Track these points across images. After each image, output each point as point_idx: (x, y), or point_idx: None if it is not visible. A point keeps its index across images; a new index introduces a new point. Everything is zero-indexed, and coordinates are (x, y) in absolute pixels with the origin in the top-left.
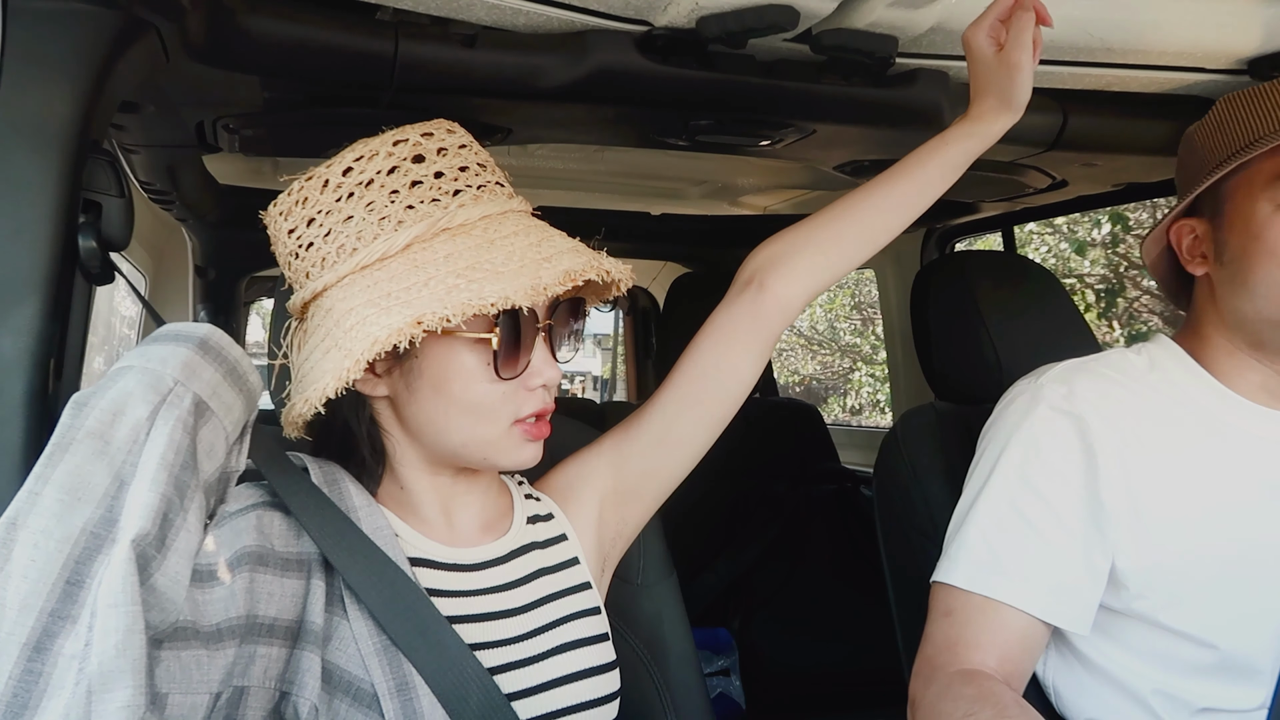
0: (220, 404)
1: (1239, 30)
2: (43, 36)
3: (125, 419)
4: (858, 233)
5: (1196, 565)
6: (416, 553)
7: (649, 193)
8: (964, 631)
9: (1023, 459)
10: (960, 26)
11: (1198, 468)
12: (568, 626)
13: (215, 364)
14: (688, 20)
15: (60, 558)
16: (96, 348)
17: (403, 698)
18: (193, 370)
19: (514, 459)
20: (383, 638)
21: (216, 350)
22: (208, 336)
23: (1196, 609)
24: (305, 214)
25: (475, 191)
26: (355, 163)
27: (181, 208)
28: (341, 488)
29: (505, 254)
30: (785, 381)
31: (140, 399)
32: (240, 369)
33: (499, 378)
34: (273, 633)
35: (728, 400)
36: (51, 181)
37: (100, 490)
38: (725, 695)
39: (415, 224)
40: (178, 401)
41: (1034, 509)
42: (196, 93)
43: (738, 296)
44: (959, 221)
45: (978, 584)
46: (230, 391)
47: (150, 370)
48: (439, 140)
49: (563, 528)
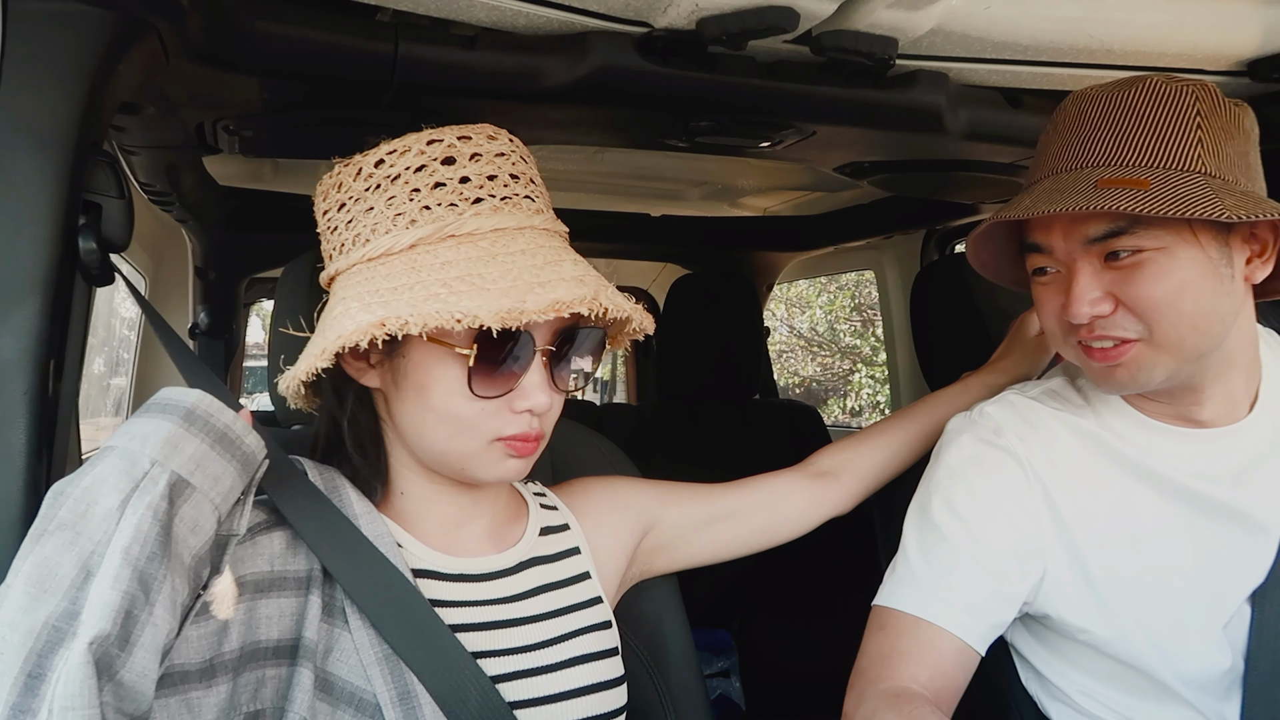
0: (205, 477)
1: (1238, 32)
2: (43, 38)
3: (97, 509)
4: (902, 453)
5: (1120, 590)
6: (419, 564)
7: (649, 194)
8: (896, 644)
9: (948, 485)
10: (960, 28)
11: (1122, 501)
12: (577, 640)
13: (201, 435)
14: (688, 22)
15: (23, 651)
16: (96, 349)
17: (405, 707)
18: (174, 446)
19: (493, 474)
20: (384, 646)
21: (204, 419)
22: (194, 406)
23: (1130, 635)
24: (339, 198)
25: (497, 202)
26: (388, 155)
27: (181, 209)
28: (342, 495)
29: (501, 270)
30: (785, 383)
31: (113, 487)
32: (231, 434)
33: (473, 395)
34: (278, 654)
35: (774, 535)
36: (51, 183)
37: (66, 582)
38: (725, 696)
39: (424, 225)
40: (151, 486)
41: (955, 531)
42: (196, 94)
43: (809, 482)
44: (959, 223)
45: (902, 601)
46: (219, 461)
47: (129, 452)
48: (475, 145)
49: (576, 540)
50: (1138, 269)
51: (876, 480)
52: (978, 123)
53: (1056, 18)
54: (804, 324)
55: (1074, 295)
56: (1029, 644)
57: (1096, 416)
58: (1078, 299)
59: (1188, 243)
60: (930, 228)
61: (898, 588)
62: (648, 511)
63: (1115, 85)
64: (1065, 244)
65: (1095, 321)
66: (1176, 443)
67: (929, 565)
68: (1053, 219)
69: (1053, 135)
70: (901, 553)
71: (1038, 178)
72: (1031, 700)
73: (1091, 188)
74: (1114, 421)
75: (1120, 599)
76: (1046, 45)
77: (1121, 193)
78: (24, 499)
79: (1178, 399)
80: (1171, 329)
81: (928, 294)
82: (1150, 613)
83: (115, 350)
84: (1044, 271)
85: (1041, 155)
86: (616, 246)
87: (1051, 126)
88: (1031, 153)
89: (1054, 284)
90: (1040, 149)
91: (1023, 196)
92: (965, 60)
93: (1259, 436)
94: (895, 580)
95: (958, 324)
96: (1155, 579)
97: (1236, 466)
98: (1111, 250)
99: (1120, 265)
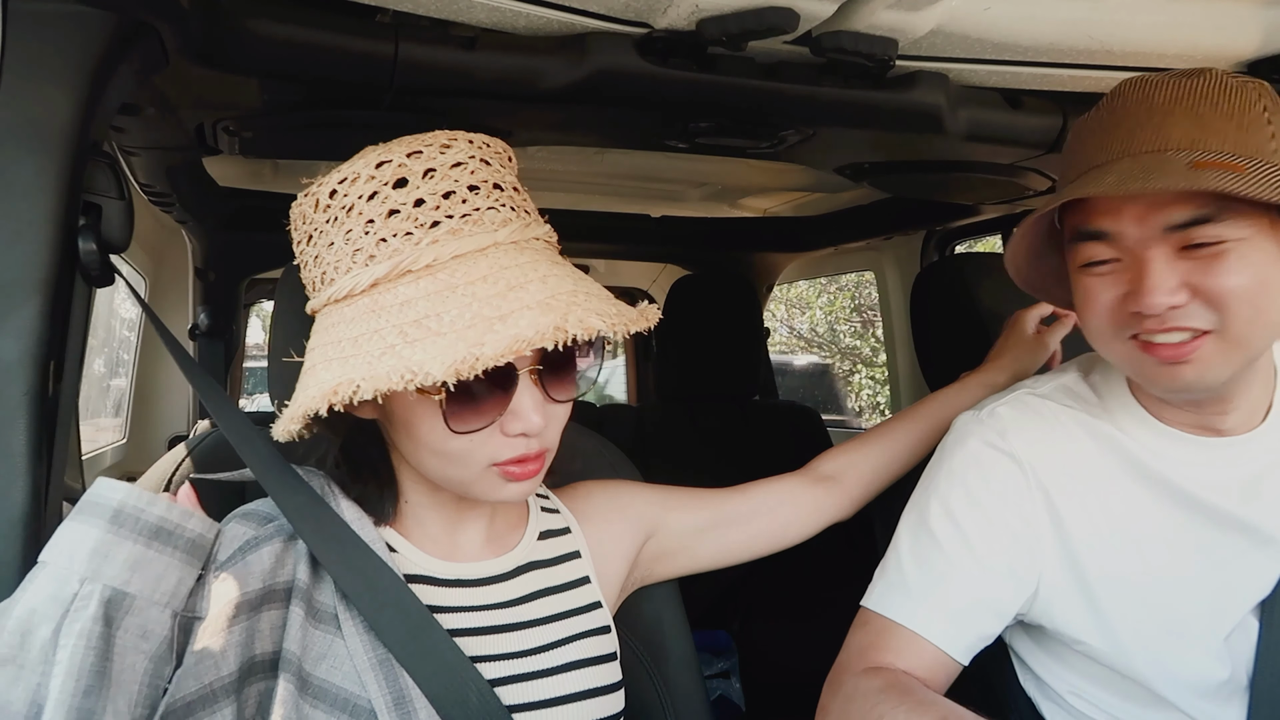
0: (145, 581)
1: (1239, 33)
2: (42, 39)
3: (33, 640)
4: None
5: (1117, 598)
6: (415, 569)
7: (649, 195)
8: (876, 641)
9: (947, 488)
10: (961, 29)
11: (1130, 505)
12: (574, 645)
13: (132, 536)
14: (688, 22)
15: None
16: (96, 350)
17: (400, 711)
18: (104, 556)
19: (495, 496)
20: (379, 650)
21: (132, 518)
22: (121, 505)
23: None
24: (306, 230)
25: (455, 223)
26: (340, 185)
27: (181, 210)
28: (334, 501)
29: (459, 307)
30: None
31: (43, 616)
32: (167, 526)
33: (454, 432)
34: (265, 668)
35: (777, 540)
36: (51, 184)
37: (20, 717)
38: (725, 697)
39: (381, 262)
40: (82, 609)
41: (948, 537)
42: (196, 95)
43: (811, 487)
44: (959, 224)
45: (889, 607)
46: (159, 559)
47: (57, 573)
48: (428, 160)
49: (577, 544)
50: (1218, 259)
51: (879, 484)
52: (978, 124)
53: (1056, 19)
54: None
55: (1150, 284)
56: (1027, 647)
57: (1110, 417)
58: (1155, 288)
59: (1265, 236)
60: (930, 229)
61: (887, 592)
62: (650, 517)
63: (1176, 75)
64: (1139, 230)
65: (1167, 313)
66: (1188, 450)
67: (920, 573)
68: (1125, 204)
69: (1115, 119)
70: (894, 553)
71: (1103, 160)
72: (1030, 701)
73: (1187, 168)
74: (1127, 423)
75: (1117, 607)
76: (1046, 46)
77: (1224, 175)
78: (24, 500)
79: (1205, 407)
80: (1246, 323)
81: (928, 295)
82: (1148, 621)
83: (115, 351)
84: (1099, 263)
85: (1102, 139)
86: (617, 247)
87: (1107, 112)
88: (1031, 153)
89: (1113, 275)
90: (1095, 133)
91: (1099, 176)
92: (965, 61)
93: (1270, 446)
94: (885, 583)
95: (958, 325)
96: (1157, 587)
97: (1246, 477)
98: (1191, 239)
99: (1198, 255)
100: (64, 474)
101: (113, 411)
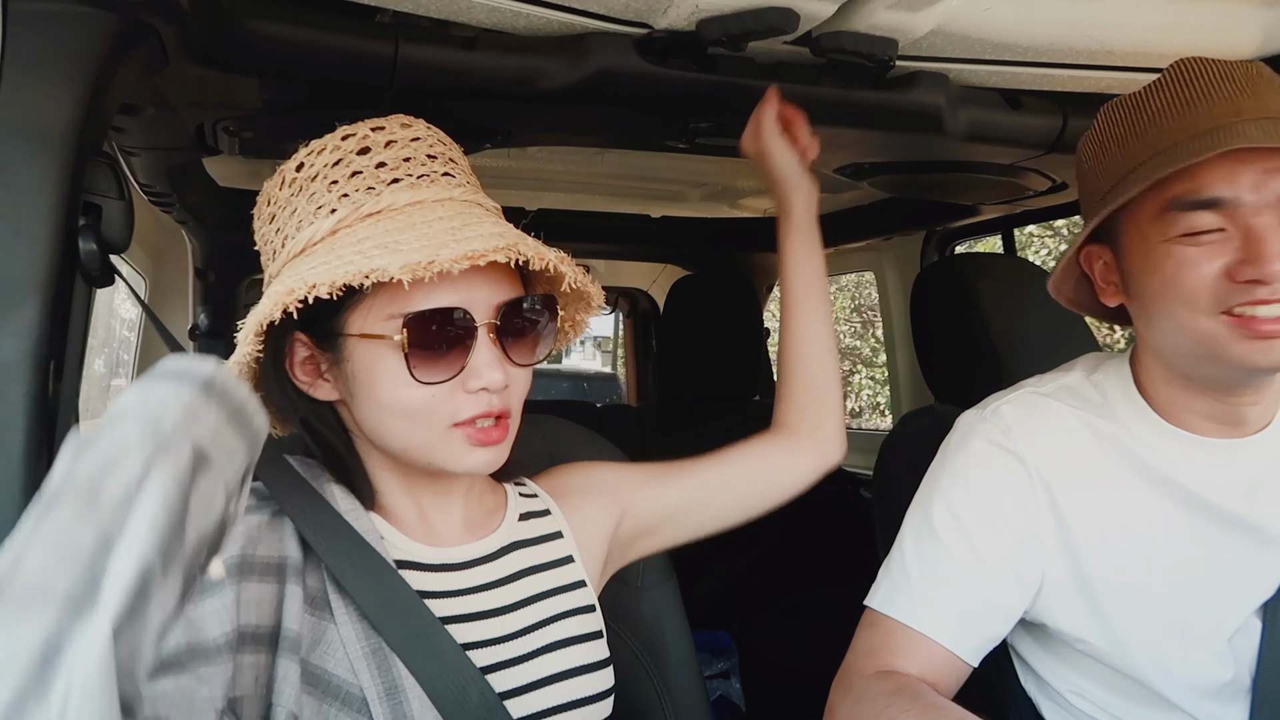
0: (222, 451)
1: (1239, 33)
2: (42, 39)
3: (118, 474)
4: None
5: (1120, 599)
6: (402, 555)
7: (649, 195)
8: (886, 641)
9: (950, 487)
10: (961, 29)
11: (1134, 505)
12: (558, 625)
13: (219, 407)
14: (688, 23)
15: (44, 624)
16: (96, 350)
17: (392, 702)
18: (194, 415)
19: (460, 465)
20: (374, 639)
21: (221, 392)
22: (212, 377)
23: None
24: (270, 211)
25: (414, 180)
26: (307, 157)
27: (181, 210)
28: (328, 490)
29: (418, 235)
30: None
31: (136, 450)
32: (246, 411)
33: (416, 381)
34: (257, 640)
35: (762, 500)
36: (51, 184)
37: (86, 553)
38: (725, 698)
39: (342, 210)
40: (175, 454)
41: (953, 538)
42: (196, 95)
43: (777, 441)
44: (959, 224)
45: (894, 608)
46: (233, 437)
47: (149, 415)
48: (389, 134)
49: (558, 525)
50: None
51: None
52: (978, 124)
53: (1056, 19)
54: None
55: (1270, 251)
56: (1029, 646)
57: (1115, 417)
58: (1277, 255)
59: None
60: (930, 229)
61: (893, 593)
62: (623, 495)
63: (1226, 61)
64: (1255, 196)
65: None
66: (1194, 451)
67: (925, 573)
68: (1241, 170)
69: (1198, 93)
70: (898, 552)
71: (1208, 127)
72: (1030, 700)
73: None
74: (1133, 424)
75: (1120, 608)
76: (1046, 46)
77: None
78: (24, 500)
79: (1242, 396)
80: None
81: (928, 295)
82: (1151, 622)
83: (115, 352)
84: (1202, 233)
85: (1193, 111)
86: (617, 248)
87: (1182, 88)
88: (1031, 154)
89: (1218, 244)
90: (1174, 109)
91: (1212, 139)
92: (965, 61)
93: (1275, 449)
94: (890, 584)
95: (957, 325)
96: (1160, 587)
97: (1251, 478)
98: None
99: None
100: None
101: None
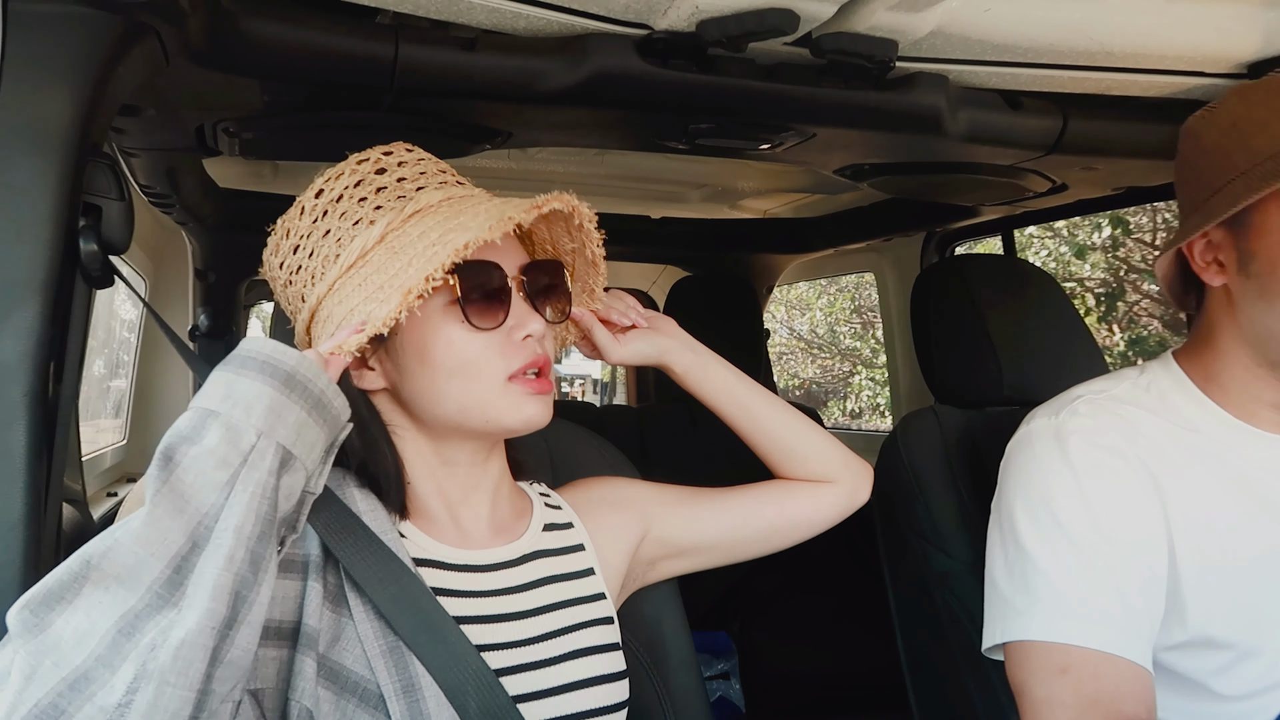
0: (304, 445)
1: (1239, 34)
2: (43, 40)
3: (205, 481)
4: None
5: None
6: (422, 553)
7: (649, 196)
8: (1100, 686)
9: (1065, 496)
10: (961, 30)
11: (1212, 496)
12: (578, 634)
13: (301, 401)
14: (688, 24)
15: (122, 606)
16: (96, 351)
17: (409, 699)
18: (278, 415)
19: (519, 417)
20: (390, 637)
21: (303, 385)
22: (295, 370)
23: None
24: (291, 243)
25: (435, 185)
26: (325, 184)
27: (181, 211)
28: (346, 491)
29: (471, 216)
30: (785, 385)
31: (221, 461)
32: (325, 400)
33: (474, 327)
34: (280, 635)
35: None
36: (52, 185)
37: (173, 549)
38: (725, 699)
39: (387, 213)
40: (259, 461)
41: (1091, 543)
42: (196, 96)
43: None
44: (959, 225)
45: (1079, 635)
46: (314, 429)
47: (233, 423)
48: (399, 157)
49: (580, 538)
50: None
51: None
52: (978, 125)
53: (1056, 20)
54: (804, 326)
55: None
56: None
57: (1177, 414)
58: None
59: None
60: (930, 230)
61: (1062, 620)
62: (647, 511)
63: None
64: None
65: None
66: (1262, 446)
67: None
68: None
69: None
70: (1036, 572)
71: None
72: None
73: None
74: (1200, 421)
75: (1199, 599)
76: (1046, 47)
77: None
78: (24, 501)
79: None
80: None
81: (927, 296)
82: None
83: (115, 352)
84: None
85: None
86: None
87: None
88: (1031, 155)
89: None
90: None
91: None
92: (965, 62)
93: None
94: (1061, 612)
95: (957, 326)
96: (1239, 579)
97: None
98: None
99: None
100: (64, 475)
101: (113, 413)
